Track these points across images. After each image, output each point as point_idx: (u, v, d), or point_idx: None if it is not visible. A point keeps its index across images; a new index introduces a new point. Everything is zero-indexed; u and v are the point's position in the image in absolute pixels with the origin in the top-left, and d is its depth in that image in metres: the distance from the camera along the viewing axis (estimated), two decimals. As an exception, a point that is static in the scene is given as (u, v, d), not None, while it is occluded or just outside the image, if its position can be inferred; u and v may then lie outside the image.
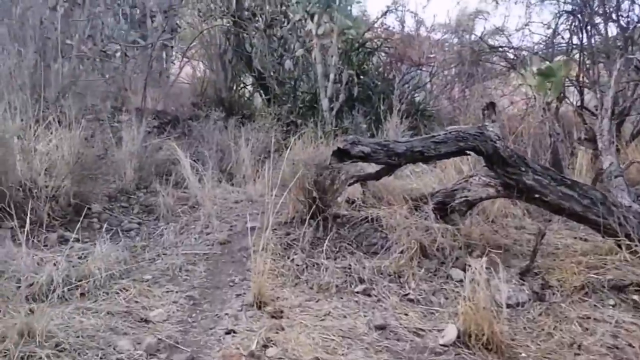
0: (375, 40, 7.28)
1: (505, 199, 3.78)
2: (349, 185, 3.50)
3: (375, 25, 7.22)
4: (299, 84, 7.82)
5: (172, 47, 7.80)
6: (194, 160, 5.10)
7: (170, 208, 4.13)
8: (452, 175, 4.36)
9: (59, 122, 4.36)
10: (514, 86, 6.01)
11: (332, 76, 6.40)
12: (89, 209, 3.97)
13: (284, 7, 8.63)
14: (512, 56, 6.08)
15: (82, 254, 3.26)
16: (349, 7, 6.35)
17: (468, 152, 3.23)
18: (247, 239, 3.34)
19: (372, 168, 3.69)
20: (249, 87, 8.72)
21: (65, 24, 7.01)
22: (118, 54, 7.09)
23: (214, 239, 3.67)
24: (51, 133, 4.26)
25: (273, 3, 8.53)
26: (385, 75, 7.06)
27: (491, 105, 3.20)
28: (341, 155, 3.06)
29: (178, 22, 8.50)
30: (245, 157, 5.44)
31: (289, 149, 3.79)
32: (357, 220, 3.56)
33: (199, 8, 8.02)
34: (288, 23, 8.31)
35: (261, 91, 8.15)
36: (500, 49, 6.19)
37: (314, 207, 3.60)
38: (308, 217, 3.57)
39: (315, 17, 6.31)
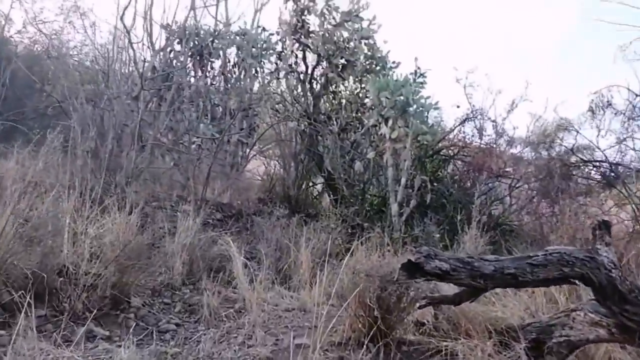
0: (452, 148, 6.81)
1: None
2: (420, 308, 2.84)
3: (453, 132, 6.80)
4: (368, 187, 7.41)
5: (246, 143, 7.74)
6: (249, 258, 4.65)
7: (214, 310, 3.60)
8: (542, 303, 3.57)
9: (118, 207, 4.11)
10: (614, 204, 5.22)
11: (403, 181, 5.92)
12: (128, 302, 3.52)
13: (359, 114, 8.55)
14: (608, 172, 5.35)
15: (105, 357, 2.76)
16: (425, 113, 5.99)
17: (573, 280, 2.52)
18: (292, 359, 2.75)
19: (449, 288, 3.03)
20: (318, 187, 8.42)
21: (149, 115, 7.19)
22: (194, 146, 7.08)
23: (255, 354, 3.05)
24: (107, 217, 4.00)
25: (349, 109, 8.47)
26: (461, 184, 6.48)
27: (605, 225, 2.52)
28: (413, 269, 2.45)
29: (257, 121, 8.54)
30: (304, 259, 4.91)
31: (349, 254, 3.23)
32: (428, 351, 2.84)
33: (277, 109, 8.04)
34: (362, 128, 8.15)
35: (329, 191, 7.80)
36: (595, 163, 5.49)
37: (375, 328, 2.95)
38: (367, 340, 2.92)
39: (390, 122, 5.99)
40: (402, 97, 5.94)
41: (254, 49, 7.58)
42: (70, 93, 5.70)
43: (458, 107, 7.54)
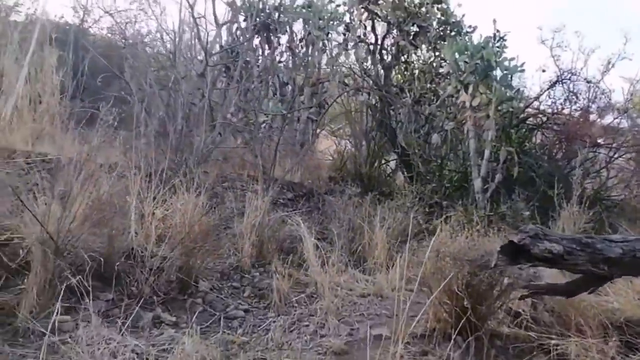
0: (539, 116, 6.09)
1: None
2: (522, 298, 2.38)
3: (541, 98, 6.06)
4: (446, 162, 6.85)
5: (316, 120, 7.42)
6: (321, 239, 4.34)
7: (285, 295, 3.34)
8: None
9: (186, 187, 3.93)
10: None
11: (487, 153, 5.34)
12: (196, 286, 3.33)
13: (433, 84, 7.95)
14: None
15: (169, 346, 2.56)
16: (509, 77, 5.35)
17: None
18: (369, 352, 2.42)
19: (551, 273, 2.55)
20: (391, 164, 7.94)
21: (219, 95, 7.05)
22: (263, 125, 6.87)
23: (328, 345, 2.75)
24: (175, 198, 3.83)
25: (422, 79, 7.89)
26: (552, 155, 5.78)
27: None
28: (515, 253, 2.01)
29: (326, 98, 8.18)
30: (379, 240, 4.54)
31: (435, 236, 2.82)
32: (528, 347, 2.39)
33: (346, 82, 7.61)
34: (437, 100, 7.57)
35: (404, 168, 7.32)
36: None
37: (464, 319, 2.54)
38: (455, 333, 2.52)
39: (470, 88, 5.41)
40: (483, 60, 5.33)
41: (320, 21, 7.19)
42: (141, 78, 5.64)
43: (544, 70, 6.76)
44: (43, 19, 7.27)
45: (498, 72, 5.37)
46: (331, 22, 7.22)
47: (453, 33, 7.60)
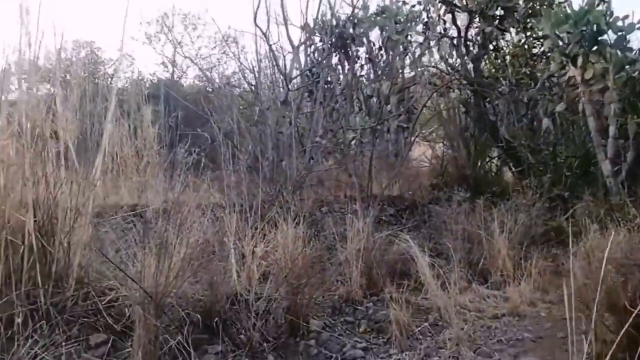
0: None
1: None
2: None
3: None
4: (560, 148, 6.02)
5: (407, 127, 6.94)
6: (434, 255, 3.85)
7: (405, 326, 2.90)
8: None
9: (283, 218, 3.67)
10: None
11: (612, 130, 4.53)
12: (307, 326, 3.01)
13: (528, 68, 7.13)
14: None
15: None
16: (626, 38, 4.52)
17: None
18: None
19: None
20: (495, 160, 7.19)
21: (306, 121, 6.86)
22: (353, 142, 6.55)
23: (468, 385, 2.27)
24: (273, 232, 3.58)
25: (516, 64, 7.11)
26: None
27: None
28: None
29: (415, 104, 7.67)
30: (501, 247, 3.95)
31: (583, 237, 2.26)
32: None
33: (434, 82, 7.06)
34: (535, 85, 6.75)
35: (511, 163, 6.57)
36: None
37: (641, 341, 1.94)
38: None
39: (579, 60, 4.65)
40: (589, 26, 4.56)
41: (397, 25, 6.77)
42: (228, 117, 5.61)
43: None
44: (138, 79, 7.65)
45: (610, 36, 4.56)
46: (409, 24, 6.76)
47: (545, 6, 6.77)
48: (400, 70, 7.11)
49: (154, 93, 8.22)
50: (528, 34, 7.15)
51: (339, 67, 7.42)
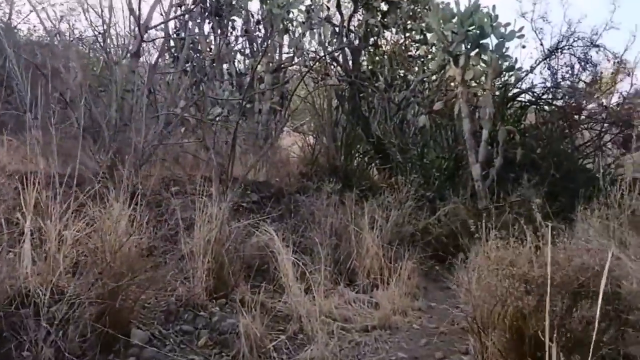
0: (532, 91, 5.19)
1: None
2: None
3: (535, 68, 5.13)
4: (428, 150, 5.89)
5: (280, 110, 6.30)
6: (298, 250, 3.25)
7: (257, 341, 2.24)
8: None
9: (115, 197, 2.76)
10: None
11: (485, 134, 4.39)
12: (127, 338, 2.19)
13: (403, 69, 7.00)
14: None
15: None
16: (506, 45, 4.41)
17: None
18: None
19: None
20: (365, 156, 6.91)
21: (167, 89, 5.84)
22: (218, 118, 5.71)
23: None
24: (100, 212, 2.65)
25: (394, 63, 6.91)
26: (552, 133, 4.87)
27: None
28: None
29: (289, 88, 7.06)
30: (370, 245, 3.51)
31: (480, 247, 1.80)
32: None
33: (311, 66, 6.53)
34: (407, 86, 6.62)
35: (378, 159, 6.34)
36: None
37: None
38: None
39: (461, 60, 4.44)
40: (475, 27, 4.37)
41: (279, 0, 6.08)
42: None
43: (524, 47, 5.84)
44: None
45: (492, 40, 4.43)
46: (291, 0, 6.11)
47: (425, 10, 6.67)
48: (277, 49, 6.44)
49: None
50: (407, 34, 7.02)
51: (212, 36, 6.51)
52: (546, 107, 4.98)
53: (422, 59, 7.06)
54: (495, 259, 1.80)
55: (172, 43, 6.37)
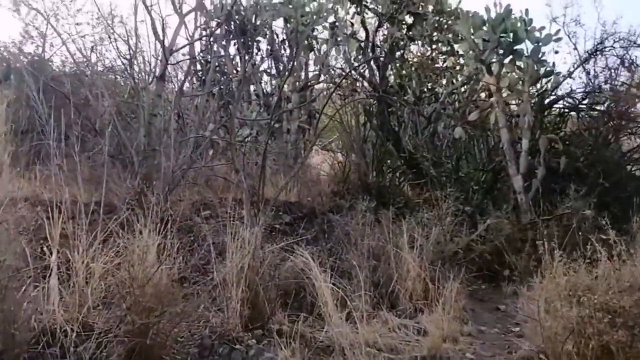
0: (573, 95, 4.89)
1: None
2: None
3: (573, 73, 4.83)
4: (462, 162, 5.63)
5: (309, 129, 6.18)
6: (335, 274, 3.04)
7: (299, 376, 2.04)
8: None
9: (144, 224, 2.63)
10: None
11: (525, 143, 4.13)
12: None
13: (431, 82, 6.82)
14: None
15: None
16: (541, 49, 4.17)
17: None
18: None
19: None
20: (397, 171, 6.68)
21: (195, 112, 5.78)
22: (247, 140, 5.62)
23: None
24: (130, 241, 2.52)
25: (422, 75, 6.73)
26: (597, 139, 4.56)
27: None
28: None
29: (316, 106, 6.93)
30: (411, 266, 3.28)
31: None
32: None
33: (338, 83, 6.39)
34: (437, 100, 6.43)
35: (410, 174, 6.10)
36: None
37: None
38: None
39: (495, 67, 4.22)
40: (507, 33, 4.15)
41: (303, 18, 6.00)
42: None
43: (557, 52, 5.58)
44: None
45: (527, 46, 4.19)
46: (315, 17, 6.02)
47: (450, 22, 6.50)
48: (303, 67, 6.34)
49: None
50: (434, 46, 6.85)
51: (238, 58, 6.46)
52: (590, 113, 4.68)
53: (450, 71, 6.88)
54: (566, 284, 1.56)
55: (198, 67, 6.36)
